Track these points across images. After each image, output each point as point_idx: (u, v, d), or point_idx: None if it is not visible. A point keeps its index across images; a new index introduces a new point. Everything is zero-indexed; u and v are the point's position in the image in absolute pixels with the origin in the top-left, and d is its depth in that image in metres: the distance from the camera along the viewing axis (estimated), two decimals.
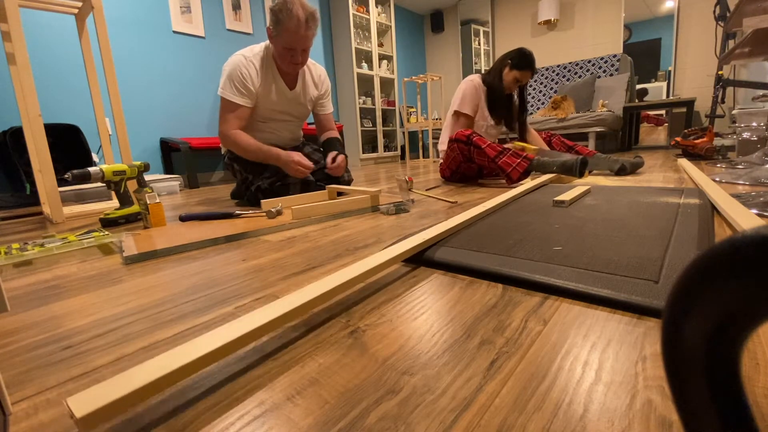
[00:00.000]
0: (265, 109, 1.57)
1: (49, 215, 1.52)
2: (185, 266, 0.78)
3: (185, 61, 3.08)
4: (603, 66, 4.05)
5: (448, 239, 0.79)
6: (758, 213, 0.89)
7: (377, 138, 4.61)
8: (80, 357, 0.44)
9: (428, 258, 0.69)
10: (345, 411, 0.32)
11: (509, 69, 1.87)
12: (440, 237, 0.77)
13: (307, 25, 1.39)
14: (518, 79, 1.86)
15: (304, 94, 1.66)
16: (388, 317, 0.49)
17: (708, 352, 0.17)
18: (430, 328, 0.46)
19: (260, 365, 0.40)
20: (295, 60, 1.47)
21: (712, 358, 0.17)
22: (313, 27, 1.42)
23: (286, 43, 1.41)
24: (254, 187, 1.54)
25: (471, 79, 1.95)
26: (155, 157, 2.94)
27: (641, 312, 0.46)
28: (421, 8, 5.40)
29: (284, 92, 1.58)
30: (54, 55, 2.42)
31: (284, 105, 1.61)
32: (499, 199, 1.12)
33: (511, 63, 1.86)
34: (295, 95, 1.61)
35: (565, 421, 0.29)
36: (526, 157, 1.61)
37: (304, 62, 1.51)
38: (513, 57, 1.85)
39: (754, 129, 2.27)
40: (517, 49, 1.84)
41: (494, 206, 1.05)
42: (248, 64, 1.47)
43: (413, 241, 0.69)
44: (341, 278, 0.52)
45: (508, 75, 1.87)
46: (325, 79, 1.71)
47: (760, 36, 1.29)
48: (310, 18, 1.39)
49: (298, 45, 1.42)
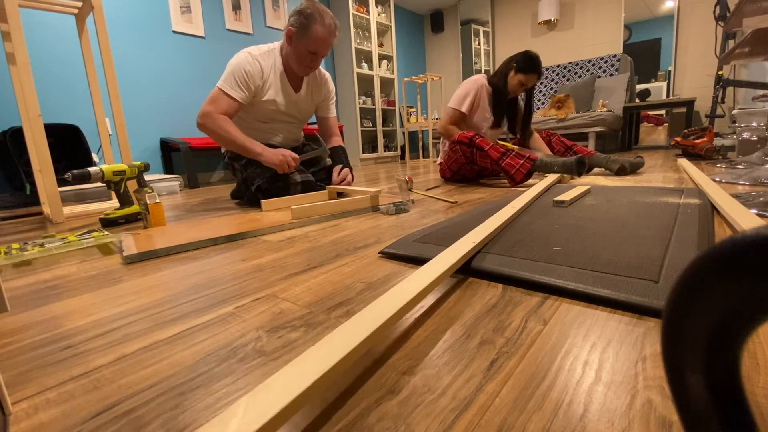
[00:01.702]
0: (268, 110, 1.57)
1: (49, 215, 1.52)
2: (185, 266, 0.78)
3: (185, 61, 3.08)
4: (603, 66, 4.05)
5: (446, 237, 0.79)
6: (758, 213, 0.89)
7: (377, 138, 4.61)
8: (80, 357, 0.44)
9: (429, 258, 0.69)
10: (345, 411, 0.32)
11: (515, 72, 1.85)
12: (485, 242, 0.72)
13: (334, 32, 1.47)
14: (523, 82, 1.84)
15: (309, 97, 1.67)
16: None
17: (708, 351, 0.17)
18: (430, 327, 0.46)
19: (260, 365, 0.40)
20: (315, 64, 1.51)
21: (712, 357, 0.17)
22: (336, 35, 1.49)
23: (312, 47, 1.44)
24: (254, 187, 1.54)
25: (476, 79, 1.94)
26: (155, 157, 2.94)
27: (641, 312, 0.46)
28: (421, 8, 5.40)
29: (290, 94, 1.59)
30: (54, 55, 2.42)
31: (288, 107, 1.61)
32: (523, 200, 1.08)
33: (516, 66, 1.84)
34: (299, 98, 1.63)
35: (565, 421, 0.29)
36: (529, 158, 1.62)
37: (317, 67, 1.55)
38: (519, 60, 1.83)
39: (754, 129, 2.27)
40: (524, 52, 1.82)
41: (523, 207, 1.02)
42: (254, 61, 1.47)
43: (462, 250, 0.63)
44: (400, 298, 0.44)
45: (513, 78, 1.85)
46: (329, 82, 1.73)
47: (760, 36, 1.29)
48: (337, 28, 1.48)
49: (323, 50, 1.47)
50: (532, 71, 1.82)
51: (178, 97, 3.05)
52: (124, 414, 0.34)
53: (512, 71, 1.86)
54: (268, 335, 0.46)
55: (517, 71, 1.84)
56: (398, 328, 0.46)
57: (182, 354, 0.43)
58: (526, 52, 1.82)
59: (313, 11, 1.41)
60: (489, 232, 0.74)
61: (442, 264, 0.55)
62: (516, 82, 1.85)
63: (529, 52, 1.82)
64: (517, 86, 1.86)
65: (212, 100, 1.45)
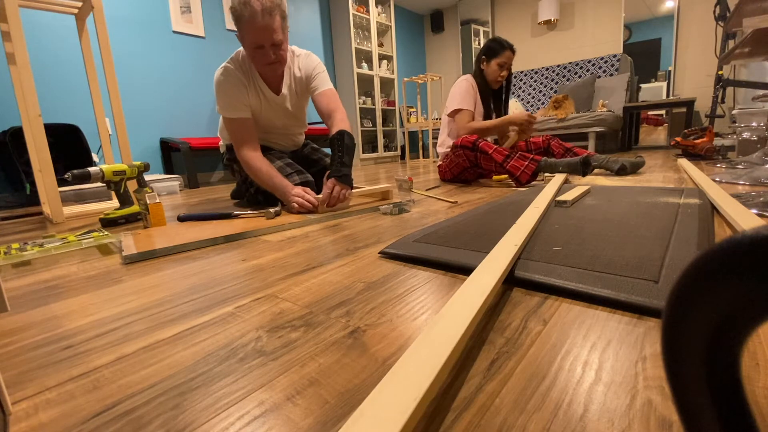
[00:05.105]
0: (260, 124, 1.48)
1: (49, 215, 1.52)
2: (185, 266, 0.78)
3: (185, 61, 3.08)
4: (603, 66, 4.05)
5: (446, 237, 0.79)
6: (758, 213, 0.89)
7: (377, 138, 4.61)
8: (80, 357, 0.44)
9: (433, 259, 0.69)
10: (345, 411, 0.32)
11: (486, 63, 1.91)
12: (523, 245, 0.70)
13: (265, 13, 1.20)
14: (500, 64, 1.88)
15: (293, 93, 1.49)
16: (388, 317, 0.49)
17: (708, 351, 0.17)
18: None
19: (260, 365, 0.40)
20: (268, 58, 1.28)
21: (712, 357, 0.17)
22: (276, 15, 1.22)
23: (251, 41, 1.24)
24: (254, 188, 1.54)
25: (465, 78, 1.98)
26: (155, 157, 2.94)
27: (641, 312, 0.46)
28: (421, 8, 5.40)
29: (272, 99, 1.44)
30: (54, 55, 2.42)
31: (275, 112, 1.49)
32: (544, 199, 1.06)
33: (485, 58, 1.91)
34: (282, 99, 1.46)
35: (565, 421, 0.29)
36: (534, 159, 1.62)
37: (280, 60, 1.30)
38: (484, 51, 1.91)
39: (754, 129, 2.27)
40: (485, 43, 1.91)
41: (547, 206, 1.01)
42: (230, 77, 1.34)
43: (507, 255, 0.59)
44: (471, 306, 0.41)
45: (488, 68, 1.91)
46: (309, 61, 1.47)
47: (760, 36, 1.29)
48: (269, 5, 1.20)
49: (263, 39, 1.23)
50: (500, 49, 1.87)
51: (178, 97, 3.05)
52: (124, 414, 0.34)
53: (484, 63, 1.93)
54: (268, 335, 0.46)
55: (488, 61, 1.90)
56: (398, 328, 0.46)
57: (182, 354, 0.43)
58: (487, 42, 1.90)
59: (237, 3, 1.20)
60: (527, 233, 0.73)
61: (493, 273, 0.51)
62: (492, 70, 1.90)
63: (490, 39, 1.90)
64: (496, 72, 1.90)
65: (233, 138, 1.37)
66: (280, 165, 1.47)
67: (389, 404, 0.27)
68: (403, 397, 0.27)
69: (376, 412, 0.26)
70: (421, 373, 0.30)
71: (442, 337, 0.35)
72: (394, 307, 0.52)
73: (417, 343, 0.34)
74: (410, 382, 0.29)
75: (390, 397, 0.27)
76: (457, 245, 0.74)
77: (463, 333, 0.35)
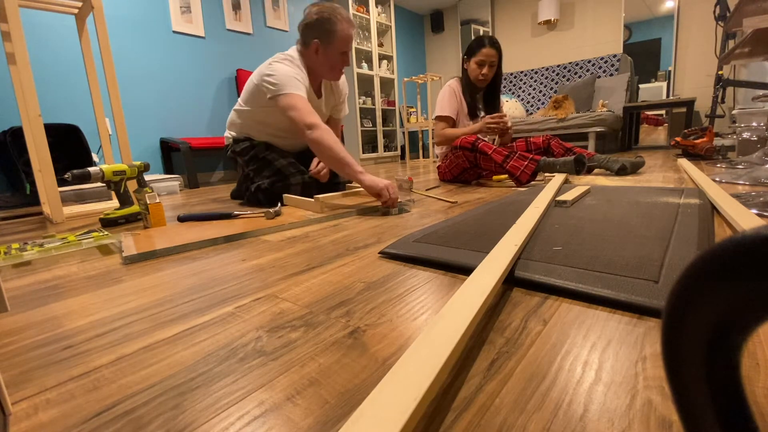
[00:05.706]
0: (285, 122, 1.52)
1: (49, 215, 1.52)
2: (185, 266, 0.78)
3: (185, 61, 3.08)
4: (603, 66, 4.05)
5: (446, 237, 0.79)
6: (758, 213, 0.89)
7: (377, 138, 4.61)
8: (80, 357, 0.44)
9: (433, 259, 0.69)
10: (345, 411, 0.32)
11: (467, 62, 1.95)
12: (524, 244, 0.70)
13: (351, 24, 1.44)
14: (478, 63, 1.90)
15: (327, 102, 1.66)
16: (388, 317, 0.49)
17: (708, 351, 0.17)
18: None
19: (260, 365, 0.40)
20: (347, 62, 1.49)
21: (712, 357, 0.17)
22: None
23: (342, 48, 1.43)
24: (254, 186, 1.54)
25: (449, 83, 2.03)
26: (155, 157, 2.94)
27: (641, 312, 0.46)
28: (421, 8, 5.40)
29: (313, 100, 1.55)
30: (54, 55, 2.42)
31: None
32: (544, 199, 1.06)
33: (466, 57, 1.95)
34: (320, 102, 1.61)
35: (565, 421, 0.29)
36: (533, 159, 1.62)
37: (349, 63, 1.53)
38: (465, 51, 1.96)
39: (754, 129, 2.27)
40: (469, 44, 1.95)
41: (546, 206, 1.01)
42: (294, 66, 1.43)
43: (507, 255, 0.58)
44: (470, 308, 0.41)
45: (469, 67, 1.94)
46: (344, 82, 1.69)
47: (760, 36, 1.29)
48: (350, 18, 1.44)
49: (348, 46, 1.44)
50: (478, 47, 1.89)
51: (178, 96, 3.05)
52: (124, 414, 0.34)
53: (466, 63, 1.96)
54: (268, 335, 0.46)
55: (468, 59, 1.94)
56: (398, 328, 0.46)
57: (182, 354, 0.43)
58: (470, 43, 1.95)
59: (329, 14, 1.38)
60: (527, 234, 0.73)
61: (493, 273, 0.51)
62: (473, 67, 1.92)
63: (473, 39, 1.94)
64: (477, 70, 1.92)
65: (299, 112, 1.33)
66: (284, 163, 1.52)
67: (389, 404, 0.27)
68: (403, 397, 0.27)
69: (376, 412, 0.26)
70: (421, 373, 0.30)
71: (442, 337, 0.35)
72: (394, 307, 0.52)
73: (417, 343, 0.34)
74: (410, 382, 0.29)
75: (390, 397, 0.27)
76: (457, 245, 0.74)
77: (463, 333, 0.36)
